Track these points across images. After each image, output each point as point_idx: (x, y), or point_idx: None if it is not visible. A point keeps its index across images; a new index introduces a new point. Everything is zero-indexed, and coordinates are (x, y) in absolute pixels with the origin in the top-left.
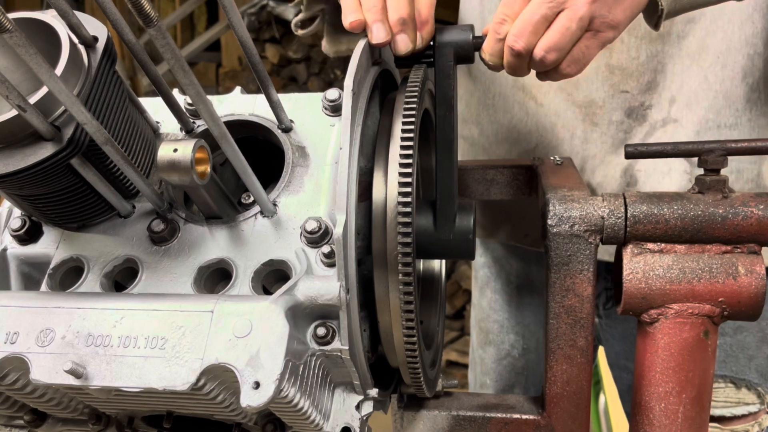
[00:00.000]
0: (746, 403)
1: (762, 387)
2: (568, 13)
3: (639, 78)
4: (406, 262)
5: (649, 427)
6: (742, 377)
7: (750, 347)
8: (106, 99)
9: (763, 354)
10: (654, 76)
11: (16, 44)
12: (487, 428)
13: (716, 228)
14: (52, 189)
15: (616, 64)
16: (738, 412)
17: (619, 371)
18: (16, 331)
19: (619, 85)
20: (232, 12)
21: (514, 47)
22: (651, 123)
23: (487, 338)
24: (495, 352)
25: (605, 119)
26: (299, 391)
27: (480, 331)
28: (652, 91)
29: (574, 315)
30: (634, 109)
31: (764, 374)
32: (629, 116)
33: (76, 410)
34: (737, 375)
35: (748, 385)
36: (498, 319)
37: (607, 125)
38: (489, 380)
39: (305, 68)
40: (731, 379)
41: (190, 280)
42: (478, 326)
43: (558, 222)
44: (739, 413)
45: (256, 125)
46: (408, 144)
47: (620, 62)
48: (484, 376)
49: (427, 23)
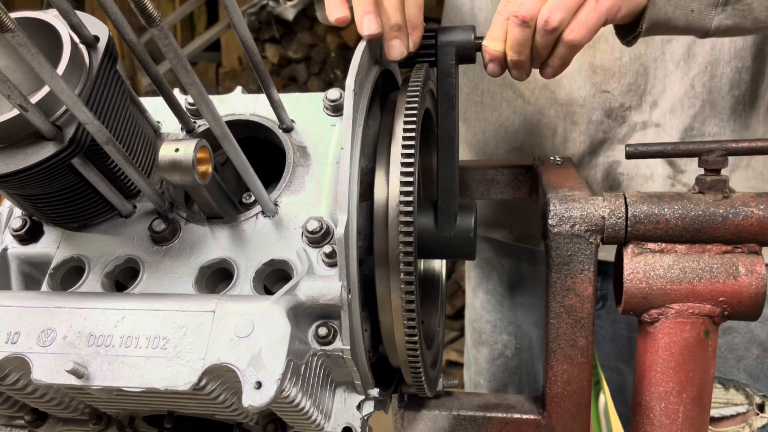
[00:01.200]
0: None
1: (750, 387)
2: None
3: (620, 79)
4: (407, 262)
5: (649, 426)
6: (731, 378)
7: (739, 348)
8: (107, 99)
9: (751, 355)
10: (635, 78)
11: (18, 44)
12: (487, 428)
13: (717, 228)
14: (54, 189)
15: (599, 64)
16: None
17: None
18: (17, 331)
19: (600, 85)
20: (233, 11)
21: (518, 14)
22: (630, 125)
23: (480, 338)
24: (488, 352)
25: (585, 118)
26: (301, 391)
27: (474, 332)
28: (633, 92)
29: (575, 315)
30: (613, 109)
31: (753, 375)
32: (609, 116)
33: (76, 410)
34: (726, 376)
35: (737, 386)
36: (490, 320)
37: (586, 124)
38: (483, 380)
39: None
40: (720, 379)
41: (192, 280)
42: (472, 327)
43: (559, 222)
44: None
45: (257, 125)
46: (410, 143)
47: (603, 62)
48: (478, 376)
49: (417, 28)
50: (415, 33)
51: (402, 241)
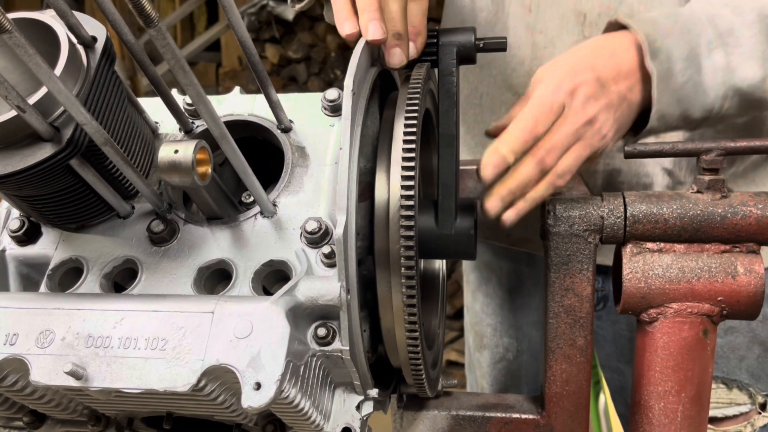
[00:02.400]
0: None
1: (753, 387)
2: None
3: None
4: (408, 258)
5: (648, 426)
6: (733, 378)
7: (740, 348)
8: (105, 99)
9: (753, 354)
10: None
11: (15, 45)
12: (486, 428)
13: (715, 227)
14: (51, 190)
15: None
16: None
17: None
18: (15, 332)
19: None
20: (231, 12)
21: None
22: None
23: (482, 342)
24: (490, 355)
25: None
26: (300, 392)
27: (475, 335)
28: None
29: (574, 314)
30: None
31: (755, 374)
32: None
33: (75, 411)
34: (728, 376)
35: (740, 386)
36: (491, 323)
37: None
38: (486, 383)
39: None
40: (722, 379)
41: (190, 280)
42: (473, 330)
43: (557, 222)
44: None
45: (255, 125)
46: (410, 139)
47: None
48: (482, 380)
49: (420, 34)
50: (419, 39)
51: (404, 234)
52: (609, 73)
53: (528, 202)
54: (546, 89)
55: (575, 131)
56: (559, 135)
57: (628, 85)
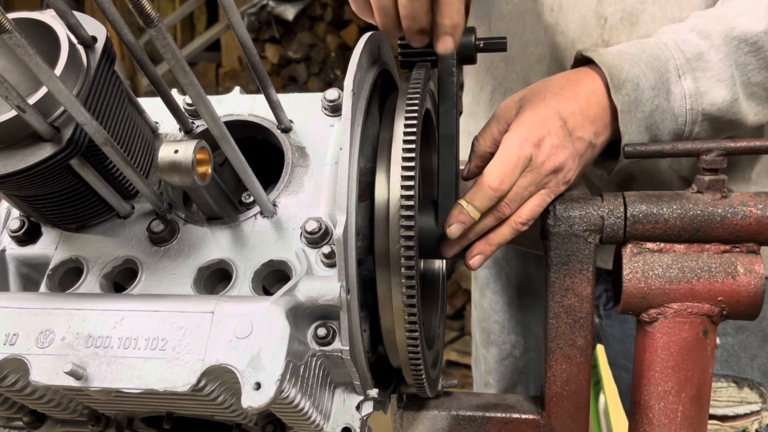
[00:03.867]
0: (749, 402)
1: (764, 386)
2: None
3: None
4: (408, 258)
5: (648, 426)
6: (745, 377)
7: (752, 347)
8: (105, 99)
9: (764, 353)
10: None
11: (15, 45)
12: (486, 428)
13: (715, 227)
14: (51, 190)
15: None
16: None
17: (619, 371)
18: (15, 332)
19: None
20: (231, 12)
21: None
22: None
23: (489, 338)
24: (497, 352)
25: None
26: (300, 392)
27: (482, 332)
28: None
29: (574, 314)
30: None
31: (766, 373)
32: None
33: (75, 411)
34: (739, 374)
35: (751, 385)
36: (499, 320)
37: None
38: (492, 380)
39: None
40: (733, 378)
41: (190, 280)
42: (480, 326)
43: (557, 222)
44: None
45: (255, 125)
46: (410, 139)
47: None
48: (488, 376)
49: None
50: (457, 32)
51: (404, 234)
52: (576, 120)
53: (493, 246)
54: (513, 143)
55: (539, 182)
56: (522, 185)
57: (595, 131)
